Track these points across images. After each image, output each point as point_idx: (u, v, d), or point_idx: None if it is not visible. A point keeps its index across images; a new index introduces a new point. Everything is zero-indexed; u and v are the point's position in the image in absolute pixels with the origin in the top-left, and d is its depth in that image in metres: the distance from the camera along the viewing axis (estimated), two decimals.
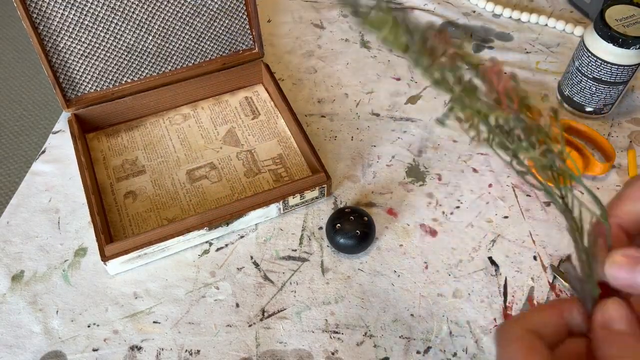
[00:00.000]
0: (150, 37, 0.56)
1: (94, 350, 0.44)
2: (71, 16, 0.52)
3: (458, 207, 0.52)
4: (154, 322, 0.45)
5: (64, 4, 0.51)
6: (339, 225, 0.47)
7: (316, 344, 0.44)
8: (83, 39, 0.54)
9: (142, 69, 0.58)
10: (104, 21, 0.53)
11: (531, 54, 0.66)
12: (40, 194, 0.53)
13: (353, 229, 0.47)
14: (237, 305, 0.46)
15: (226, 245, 0.50)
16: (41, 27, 0.51)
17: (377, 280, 0.47)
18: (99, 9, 0.52)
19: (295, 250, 0.49)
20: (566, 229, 0.25)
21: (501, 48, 0.67)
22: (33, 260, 0.49)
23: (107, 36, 0.54)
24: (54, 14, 0.51)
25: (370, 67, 0.65)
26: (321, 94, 0.62)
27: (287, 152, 0.56)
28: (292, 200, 0.50)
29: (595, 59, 0.53)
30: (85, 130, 0.57)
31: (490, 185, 0.54)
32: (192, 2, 0.55)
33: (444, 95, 0.62)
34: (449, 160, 0.56)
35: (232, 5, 0.58)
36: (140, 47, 0.56)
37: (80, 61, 0.55)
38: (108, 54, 0.55)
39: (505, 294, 0.46)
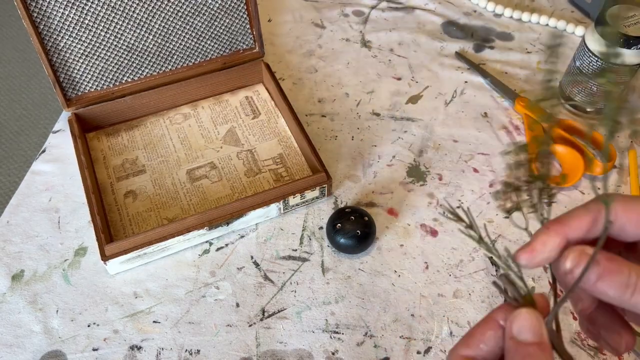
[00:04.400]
0: (151, 37, 0.56)
1: (94, 349, 0.44)
2: (71, 15, 0.52)
3: (459, 207, 0.52)
4: (154, 321, 0.45)
5: (65, 3, 0.51)
6: (339, 225, 0.47)
7: (316, 344, 0.44)
8: (83, 38, 0.53)
9: (143, 69, 0.57)
10: (105, 20, 0.53)
11: (532, 54, 0.66)
12: (40, 194, 0.53)
13: (353, 228, 0.47)
14: (237, 305, 0.46)
15: (226, 245, 0.50)
16: (41, 26, 0.51)
17: (378, 280, 0.47)
18: (99, 8, 0.52)
19: (296, 250, 0.49)
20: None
21: (502, 48, 0.67)
22: (33, 260, 0.49)
23: (108, 35, 0.54)
24: (55, 13, 0.51)
25: (370, 66, 0.65)
26: (322, 93, 0.62)
27: (288, 152, 0.56)
28: (293, 200, 0.50)
29: (596, 59, 0.53)
30: (86, 129, 0.57)
31: (491, 185, 0.54)
32: (193, 1, 0.55)
33: (444, 95, 0.62)
34: (449, 160, 0.56)
35: (232, 4, 0.57)
36: (141, 46, 0.56)
37: (81, 60, 0.54)
38: (108, 53, 0.55)
39: None
